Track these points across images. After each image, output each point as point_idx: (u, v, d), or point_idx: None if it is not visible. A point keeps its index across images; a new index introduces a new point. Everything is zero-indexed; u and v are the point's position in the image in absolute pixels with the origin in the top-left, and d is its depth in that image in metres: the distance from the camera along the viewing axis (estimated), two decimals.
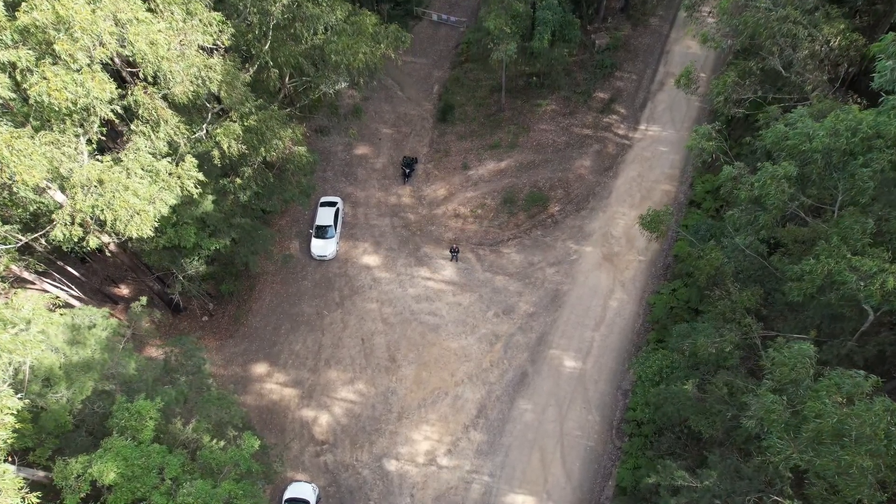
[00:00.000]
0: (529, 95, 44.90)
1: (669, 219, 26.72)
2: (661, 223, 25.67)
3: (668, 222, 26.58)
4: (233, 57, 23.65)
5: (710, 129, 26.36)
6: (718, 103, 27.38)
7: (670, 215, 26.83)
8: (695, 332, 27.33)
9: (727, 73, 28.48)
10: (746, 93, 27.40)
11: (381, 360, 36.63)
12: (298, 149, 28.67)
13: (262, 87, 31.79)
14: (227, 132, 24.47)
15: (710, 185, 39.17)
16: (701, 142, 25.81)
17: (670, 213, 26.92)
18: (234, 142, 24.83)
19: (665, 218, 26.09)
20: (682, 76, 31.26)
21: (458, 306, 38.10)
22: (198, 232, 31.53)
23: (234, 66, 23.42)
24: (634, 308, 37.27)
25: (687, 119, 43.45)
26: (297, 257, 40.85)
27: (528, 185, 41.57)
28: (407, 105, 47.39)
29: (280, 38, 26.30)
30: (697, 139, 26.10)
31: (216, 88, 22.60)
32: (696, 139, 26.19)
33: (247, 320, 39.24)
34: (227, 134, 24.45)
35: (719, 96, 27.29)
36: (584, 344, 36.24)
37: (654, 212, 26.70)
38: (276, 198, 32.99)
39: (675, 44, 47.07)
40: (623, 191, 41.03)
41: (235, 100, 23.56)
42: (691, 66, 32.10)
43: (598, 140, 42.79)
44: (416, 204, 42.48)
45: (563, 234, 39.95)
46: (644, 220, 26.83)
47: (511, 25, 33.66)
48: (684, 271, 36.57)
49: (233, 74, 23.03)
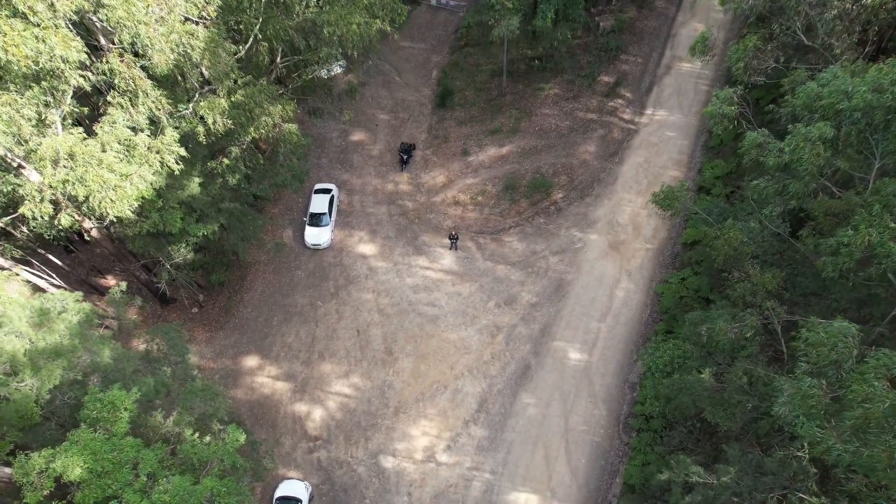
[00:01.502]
0: (531, 79, 43.34)
1: (686, 195, 25.08)
2: (676, 200, 24.05)
3: (685, 199, 24.94)
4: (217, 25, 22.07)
5: (732, 92, 24.59)
6: (738, 70, 25.74)
7: (687, 191, 25.19)
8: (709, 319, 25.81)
9: (748, 37, 26.77)
10: (768, 59, 25.76)
11: (378, 353, 35.09)
12: (289, 126, 27.08)
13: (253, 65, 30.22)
14: (211, 106, 22.86)
15: (719, 171, 37.64)
16: (721, 106, 24.08)
17: (686, 188, 25.24)
18: (219, 117, 23.25)
19: (681, 195, 24.47)
20: (697, 42, 29.59)
21: (457, 296, 36.56)
22: (184, 217, 29.97)
23: (219, 35, 21.87)
24: (642, 298, 35.73)
25: (695, 104, 41.89)
26: (290, 246, 39.29)
27: (531, 171, 40.02)
28: (405, 91, 45.83)
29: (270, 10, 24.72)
30: (717, 104, 24.37)
31: (199, 57, 21.04)
32: (717, 104, 24.47)
33: (238, 311, 37.69)
34: (211, 108, 22.86)
35: (739, 63, 25.64)
36: (590, 335, 34.70)
37: (668, 188, 25.08)
38: (266, 182, 31.39)
39: (681, 27, 45.51)
40: (629, 177, 39.48)
41: (220, 71, 22.02)
42: (708, 31, 30.27)
43: (603, 125, 41.24)
44: (414, 191, 40.93)
45: (566, 222, 38.40)
46: (657, 198, 25.24)
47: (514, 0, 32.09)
48: (694, 259, 35.06)
49: (217, 43, 21.46)
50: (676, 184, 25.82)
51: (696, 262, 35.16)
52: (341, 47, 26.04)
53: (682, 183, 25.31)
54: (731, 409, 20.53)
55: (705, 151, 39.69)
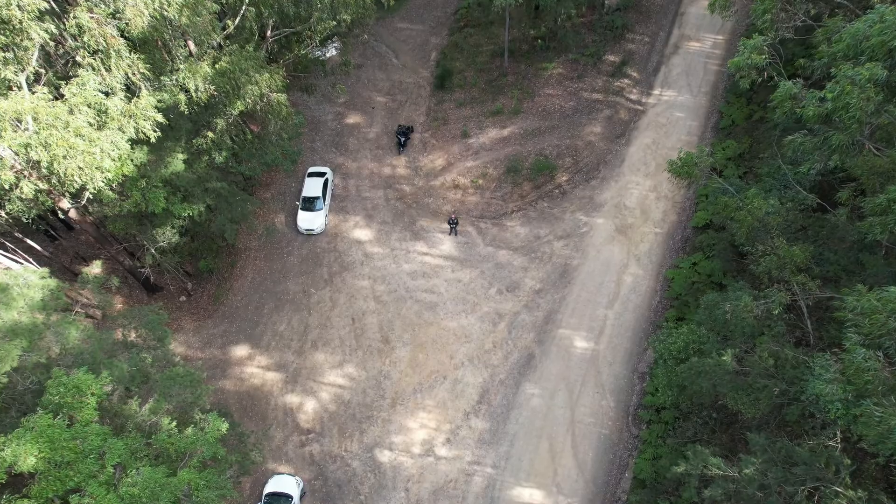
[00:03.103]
0: (534, 59, 41.62)
1: (706, 161, 23.24)
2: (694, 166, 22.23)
3: (705, 165, 23.09)
4: None
5: (761, 40, 22.44)
6: (764, 24, 23.88)
7: (707, 157, 23.32)
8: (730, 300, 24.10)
9: None
10: (798, 12, 23.76)
11: (374, 342, 33.39)
12: (277, 96, 25.36)
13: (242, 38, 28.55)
14: (192, 70, 21.13)
15: (731, 152, 35.95)
16: (750, 55, 21.94)
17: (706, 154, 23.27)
18: (201, 83, 21.54)
19: (700, 160, 22.63)
20: None
21: (457, 283, 34.86)
22: (168, 196, 28.26)
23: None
24: (651, 284, 34.04)
25: (704, 84, 40.19)
26: (282, 231, 37.57)
27: (534, 153, 38.30)
28: (402, 73, 44.12)
29: None
30: (745, 53, 22.25)
31: (176, 14, 19.35)
32: (744, 53, 22.32)
33: (227, 299, 35.98)
34: (193, 73, 21.14)
35: (765, 15, 23.71)
36: (597, 323, 33.00)
37: (687, 154, 23.13)
38: (256, 161, 29.68)
39: (690, 5, 43.81)
40: (637, 159, 37.77)
41: (200, 29, 20.32)
42: None
43: (609, 105, 39.53)
44: (412, 175, 39.22)
45: (571, 206, 36.70)
46: (673, 167, 23.40)
47: None
48: (706, 243, 33.34)
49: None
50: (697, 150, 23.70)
51: (708, 245, 33.49)
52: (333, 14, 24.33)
53: (702, 148, 23.41)
54: (756, 394, 18.84)
55: (716, 132, 38.00)
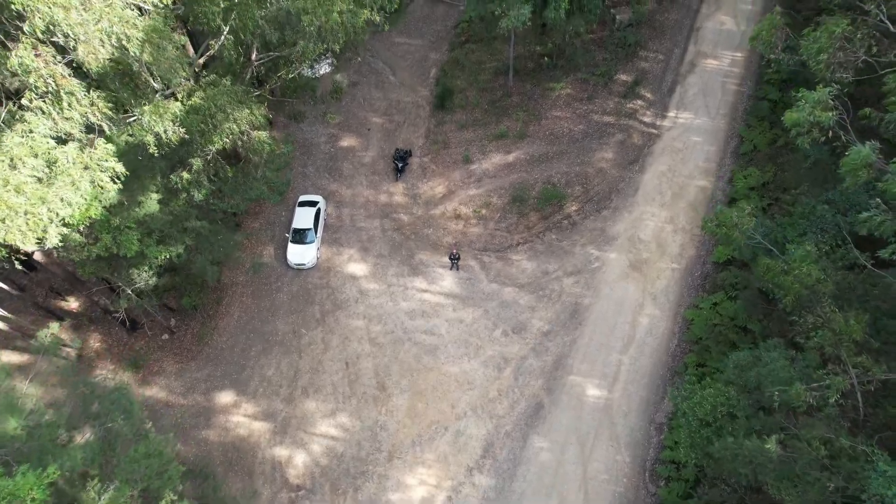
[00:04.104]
0: (541, 78, 39.12)
1: (748, 222, 20.43)
2: (734, 228, 19.58)
3: (746, 227, 20.29)
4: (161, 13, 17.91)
5: (827, 93, 19.16)
6: (818, 66, 20.99)
7: (749, 216, 20.47)
8: (760, 364, 21.60)
9: (830, 24, 21.40)
10: (858, 51, 20.77)
11: (369, 388, 30.88)
12: (258, 134, 22.90)
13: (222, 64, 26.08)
14: (158, 111, 18.64)
15: (753, 181, 33.43)
16: (813, 111, 18.70)
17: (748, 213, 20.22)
18: (169, 125, 19.08)
19: (741, 220, 19.88)
20: (761, 30, 24.29)
21: (459, 323, 32.33)
22: (142, 238, 25.77)
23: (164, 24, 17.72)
24: (668, 325, 31.51)
25: (723, 105, 37.68)
26: (271, 265, 35.06)
27: (541, 180, 35.78)
28: (400, 91, 41.62)
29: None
30: (806, 109, 18.81)
31: (137, 51, 16.91)
32: (805, 109, 18.86)
33: (212, 340, 33.46)
34: (159, 113, 18.65)
35: (820, 55, 20.81)
36: (610, 369, 30.48)
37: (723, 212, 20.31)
38: (239, 197, 27.19)
39: (706, 20, 41.31)
40: (651, 187, 35.25)
41: (165, 67, 17.86)
42: (776, 16, 24.81)
43: (622, 129, 37.01)
44: (410, 203, 36.71)
45: (582, 238, 34.17)
46: (708, 225, 20.75)
47: None
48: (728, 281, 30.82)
49: (161, 34, 17.30)
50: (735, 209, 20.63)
51: (730, 284, 31.00)
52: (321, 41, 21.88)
53: (742, 206, 20.65)
54: (805, 486, 16.38)
55: (736, 158, 35.48)
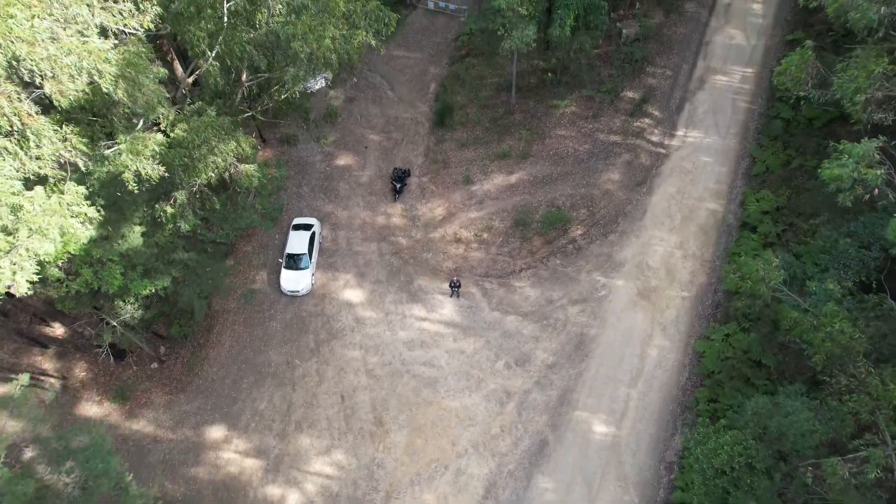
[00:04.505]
0: (544, 95, 37.73)
1: (778, 277, 18.92)
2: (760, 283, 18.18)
3: (774, 280, 18.77)
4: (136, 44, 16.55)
5: (873, 147, 17.27)
6: (854, 108, 19.30)
7: (777, 269, 18.91)
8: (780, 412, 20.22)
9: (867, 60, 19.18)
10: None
11: (365, 424, 29.50)
12: (245, 167, 21.53)
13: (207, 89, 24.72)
14: (134, 148, 17.28)
15: (766, 204, 32.04)
16: (857, 168, 16.78)
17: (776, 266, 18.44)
18: (147, 163, 17.73)
19: (770, 274, 18.42)
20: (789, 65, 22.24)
21: (459, 354, 30.96)
22: (125, 272, 24.42)
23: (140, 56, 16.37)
24: (678, 357, 30.13)
25: (733, 123, 36.29)
26: (263, 292, 33.67)
27: (545, 203, 34.40)
28: (398, 107, 40.24)
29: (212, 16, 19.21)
30: (849, 165, 16.92)
31: (110, 87, 15.57)
32: (848, 165, 16.95)
33: (202, 371, 32.08)
34: (135, 151, 17.29)
35: (857, 95, 19.11)
36: (618, 404, 29.11)
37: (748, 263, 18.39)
38: (229, 226, 25.82)
39: (715, 34, 39.91)
40: (660, 210, 33.86)
41: (141, 103, 16.50)
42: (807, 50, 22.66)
43: (628, 148, 35.63)
44: (409, 226, 35.32)
45: (587, 264, 32.79)
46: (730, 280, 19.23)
47: (528, 5, 26.44)
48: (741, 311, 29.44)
49: (137, 67, 15.95)
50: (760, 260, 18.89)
51: (743, 314, 29.60)
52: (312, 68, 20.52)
53: (768, 257, 19.15)
54: None
55: (748, 180, 34.10)
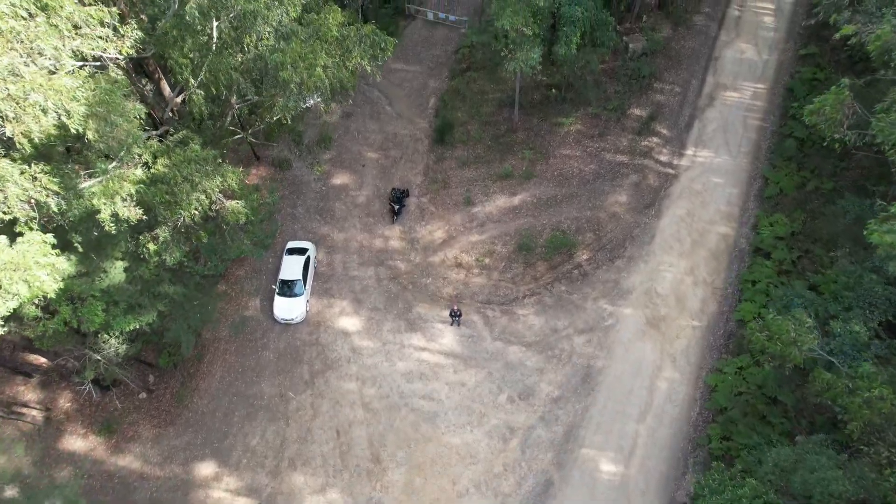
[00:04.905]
0: (548, 112, 36.37)
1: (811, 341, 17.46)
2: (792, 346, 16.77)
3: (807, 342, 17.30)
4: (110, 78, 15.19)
5: None
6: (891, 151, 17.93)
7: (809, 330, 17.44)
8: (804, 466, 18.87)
9: None
10: None
11: (362, 461, 28.15)
12: (232, 204, 20.18)
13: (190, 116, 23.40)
14: (108, 191, 15.90)
15: (781, 229, 30.70)
16: None
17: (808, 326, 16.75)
18: (122, 205, 16.39)
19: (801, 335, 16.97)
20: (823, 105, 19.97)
21: (460, 387, 29.62)
22: (107, 308, 23.08)
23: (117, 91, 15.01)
24: (689, 391, 28.79)
25: (745, 142, 34.95)
26: (256, 319, 32.32)
27: (549, 226, 33.06)
28: (397, 123, 38.90)
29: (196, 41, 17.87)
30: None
31: (79, 127, 14.23)
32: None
33: (192, 402, 30.73)
34: (109, 194, 15.92)
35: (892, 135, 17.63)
36: (626, 440, 27.77)
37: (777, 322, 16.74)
38: (217, 258, 24.48)
39: (725, 48, 38.56)
40: (669, 234, 32.51)
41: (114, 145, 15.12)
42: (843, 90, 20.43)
43: (636, 169, 34.28)
44: (408, 249, 33.98)
45: (594, 291, 31.44)
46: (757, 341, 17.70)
47: (533, 25, 25.05)
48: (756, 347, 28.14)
49: (110, 105, 14.60)
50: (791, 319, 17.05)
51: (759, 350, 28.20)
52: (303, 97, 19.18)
53: (801, 317, 17.64)
54: None
55: (760, 202, 32.75)
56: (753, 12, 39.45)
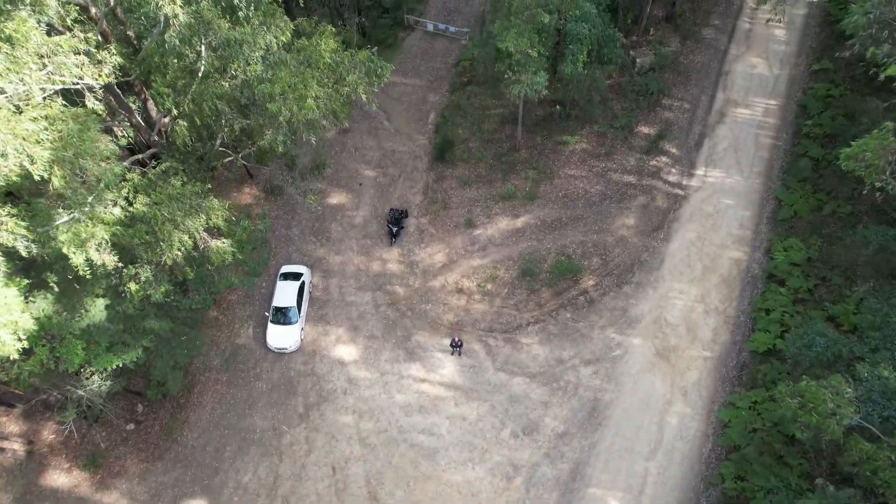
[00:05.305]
0: (552, 129, 35.06)
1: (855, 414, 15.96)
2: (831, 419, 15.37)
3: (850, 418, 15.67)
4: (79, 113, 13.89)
5: None
6: None
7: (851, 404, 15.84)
8: None
9: None
10: None
11: (359, 500, 26.86)
12: (217, 245, 18.84)
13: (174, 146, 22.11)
14: (78, 239, 14.54)
15: (796, 255, 29.40)
16: None
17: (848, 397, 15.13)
18: (94, 252, 15.09)
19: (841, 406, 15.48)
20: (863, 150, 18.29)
21: (461, 421, 28.32)
22: (88, 346, 21.80)
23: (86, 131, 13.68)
24: (701, 427, 27.50)
25: (756, 161, 33.63)
26: (249, 347, 31.02)
27: (554, 250, 31.76)
28: (395, 139, 37.59)
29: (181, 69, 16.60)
30: None
31: (44, 174, 12.93)
32: None
33: (181, 436, 29.43)
34: (78, 242, 14.57)
35: None
36: (636, 479, 26.47)
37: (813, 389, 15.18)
38: (205, 290, 23.18)
39: (735, 62, 37.23)
40: (679, 259, 31.21)
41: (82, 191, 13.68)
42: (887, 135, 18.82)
43: (644, 190, 32.96)
44: (407, 273, 32.68)
45: (600, 319, 30.15)
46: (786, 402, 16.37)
47: (539, 45, 23.69)
48: (770, 377, 26.89)
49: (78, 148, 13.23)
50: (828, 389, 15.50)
51: (772, 380, 26.97)
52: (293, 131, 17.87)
53: (840, 385, 16.23)
54: None
55: (773, 225, 31.43)
56: (764, 25, 38.13)
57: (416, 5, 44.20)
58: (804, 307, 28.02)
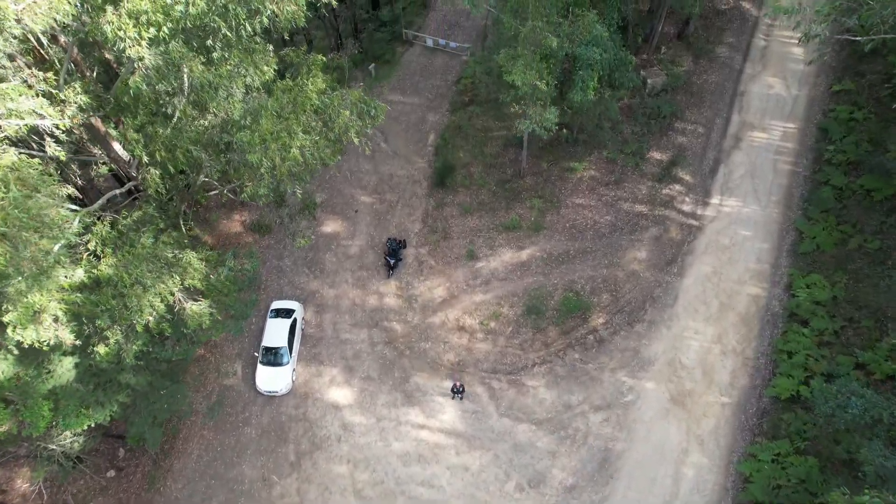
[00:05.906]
0: (558, 154, 33.22)
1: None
2: None
3: None
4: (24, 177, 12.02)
5: None
6: None
7: None
8: None
9: None
10: None
11: None
12: (192, 308, 17.00)
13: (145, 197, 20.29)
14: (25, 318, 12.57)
15: (820, 294, 27.56)
16: None
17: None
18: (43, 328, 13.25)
19: None
20: None
21: (463, 472, 26.49)
22: (56, 407, 19.99)
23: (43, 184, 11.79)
24: (719, 479, 25.66)
25: (775, 189, 31.78)
26: (237, 390, 29.19)
27: (561, 286, 29.92)
28: (393, 162, 35.76)
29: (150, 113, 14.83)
30: None
31: None
32: None
33: (165, 486, 27.57)
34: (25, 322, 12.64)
35: None
36: None
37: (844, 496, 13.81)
38: (186, 340, 21.35)
39: (751, 82, 35.36)
40: (694, 295, 29.38)
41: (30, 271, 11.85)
42: None
43: (656, 220, 31.12)
44: (405, 308, 30.85)
45: (611, 361, 28.32)
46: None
47: (547, 76, 21.82)
48: (794, 428, 25.09)
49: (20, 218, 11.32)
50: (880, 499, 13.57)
51: (796, 431, 25.17)
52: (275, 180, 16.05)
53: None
54: None
55: (794, 258, 29.60)
56: (780, 42, 36.30)
57: (415, 19, 42.43)
58: (830, 351, 26.21)
